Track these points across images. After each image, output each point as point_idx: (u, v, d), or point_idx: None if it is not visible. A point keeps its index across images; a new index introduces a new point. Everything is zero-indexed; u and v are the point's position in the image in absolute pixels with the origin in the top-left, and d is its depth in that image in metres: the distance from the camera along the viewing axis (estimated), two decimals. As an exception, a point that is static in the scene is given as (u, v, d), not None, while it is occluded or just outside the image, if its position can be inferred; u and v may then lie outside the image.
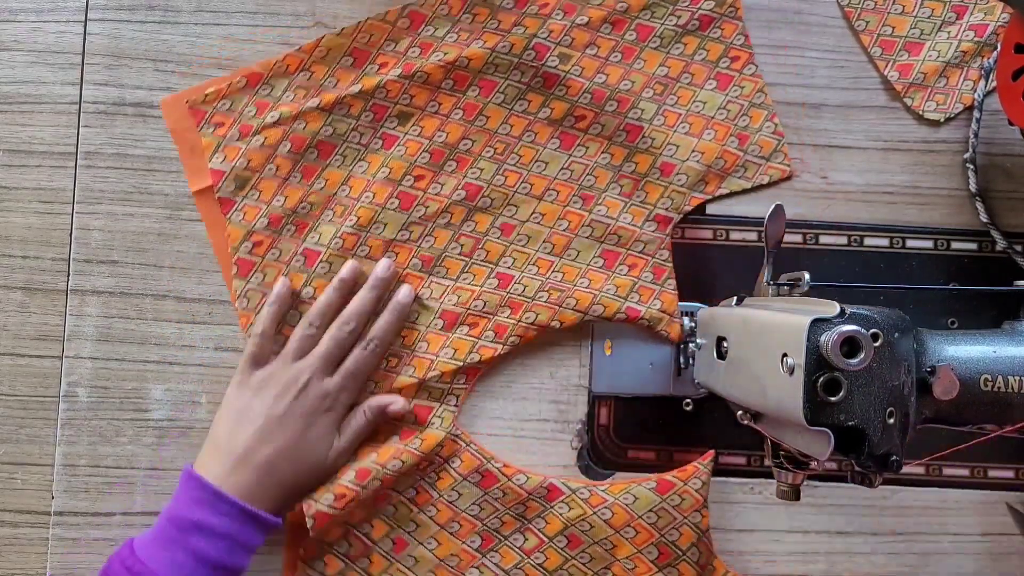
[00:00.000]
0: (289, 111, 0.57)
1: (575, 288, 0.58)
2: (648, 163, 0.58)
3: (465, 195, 0.58)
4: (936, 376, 0.38)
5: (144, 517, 0.57)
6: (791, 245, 0.60)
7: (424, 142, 0.58)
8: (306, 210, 0.57)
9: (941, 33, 0.61)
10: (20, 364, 0.58)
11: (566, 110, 0.58)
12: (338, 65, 0.58)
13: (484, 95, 0.58)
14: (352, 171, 0.58)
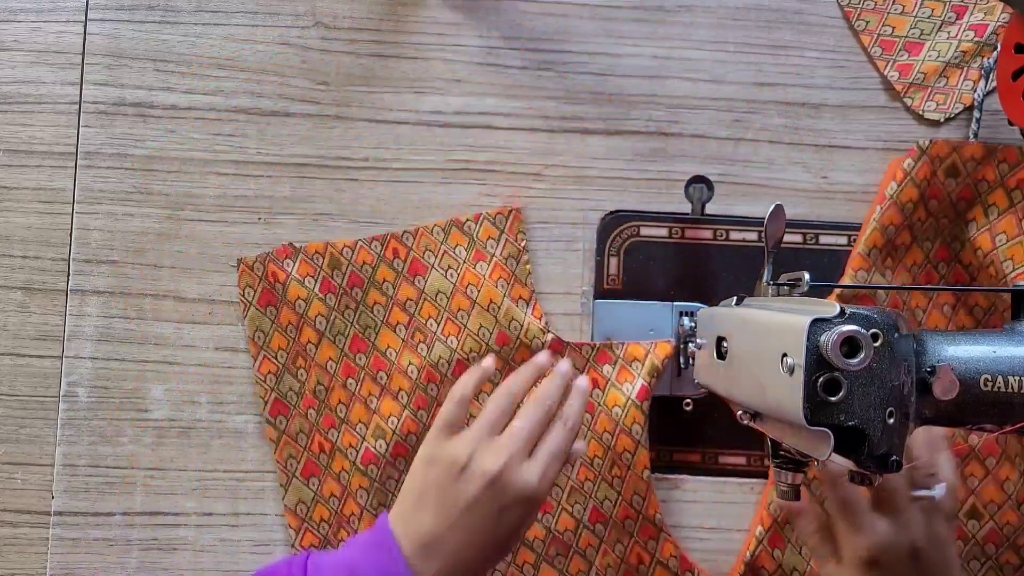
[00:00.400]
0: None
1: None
2: (495, 357, 0.56)
3: None
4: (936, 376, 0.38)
5: (144, 517, 0.57)
6: (791, 245, 0.60)
7: None
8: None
9: (941, 33, 0.61)
10: (20, 364, 0.58)
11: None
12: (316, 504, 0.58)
13: None
14: None
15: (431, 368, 0.57)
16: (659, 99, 0.61)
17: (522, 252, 0.59)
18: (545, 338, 0.58)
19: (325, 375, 0.58)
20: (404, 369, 0.57)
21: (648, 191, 0.60)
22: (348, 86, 0.60)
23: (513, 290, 0.59)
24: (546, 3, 0.61)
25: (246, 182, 0.59)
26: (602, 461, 0.57)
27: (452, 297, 0.58)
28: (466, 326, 0.58)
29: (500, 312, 0.58)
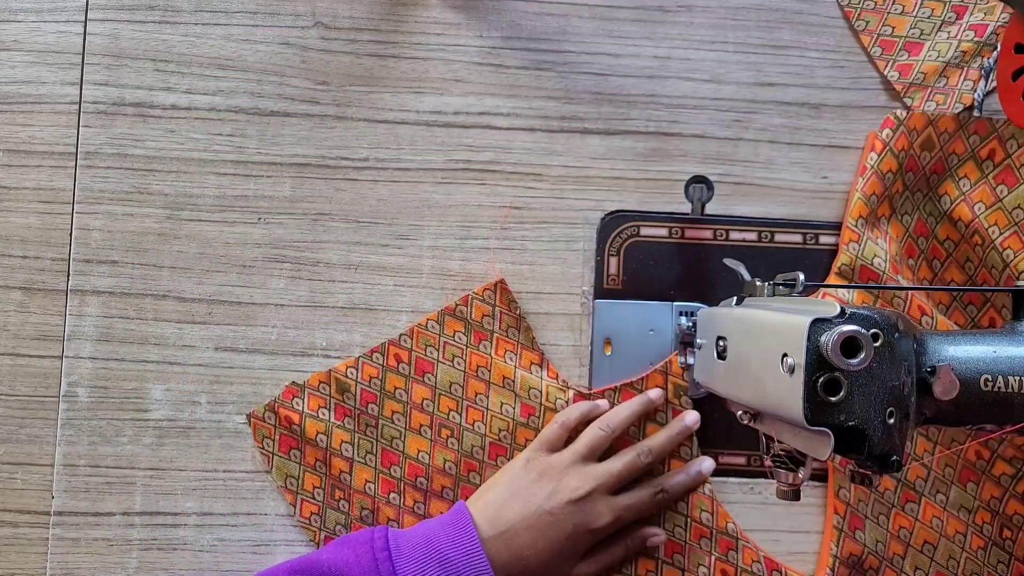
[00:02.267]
0: None
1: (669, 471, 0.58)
2: (526, 429, 0.57)
3: None
4: (936, 376, 0.38)
5: (144, 517, 0.57)
6: (791, 245, 0.60)
7: None
8: None
9: (941, 33, 0.61)
10: (20, 364, 0.58)
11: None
12: None
13: None
14: None
15: (467, 458, 0.57)
16: (659, 99, 0.61)
17: (520, 320, 0.59)
18: (567, 396, 0.58)
19: (367, 499, 0.57)
20: (442, 467, 0.57)
21: (648, 191, 0.60)
22: (348, 86, 0.60)
23: (523, 359, 0.59)
24: (546, 3, 0.61)
25: (246, 182, 0.59)
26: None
27: (466, 384, 0.58)
28: (488, 408, 0.58)
29: (516, 385, 0.58)
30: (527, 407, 0.58)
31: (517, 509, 0.52)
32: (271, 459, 0.58)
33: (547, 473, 0.53)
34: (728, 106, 0.61)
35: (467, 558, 0.49)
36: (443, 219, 0.60)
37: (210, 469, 0.58)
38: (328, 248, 0.59)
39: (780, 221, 0.61)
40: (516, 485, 0.53)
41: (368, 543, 0.49)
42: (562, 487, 0.52)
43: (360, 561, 0.48)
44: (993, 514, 0.58)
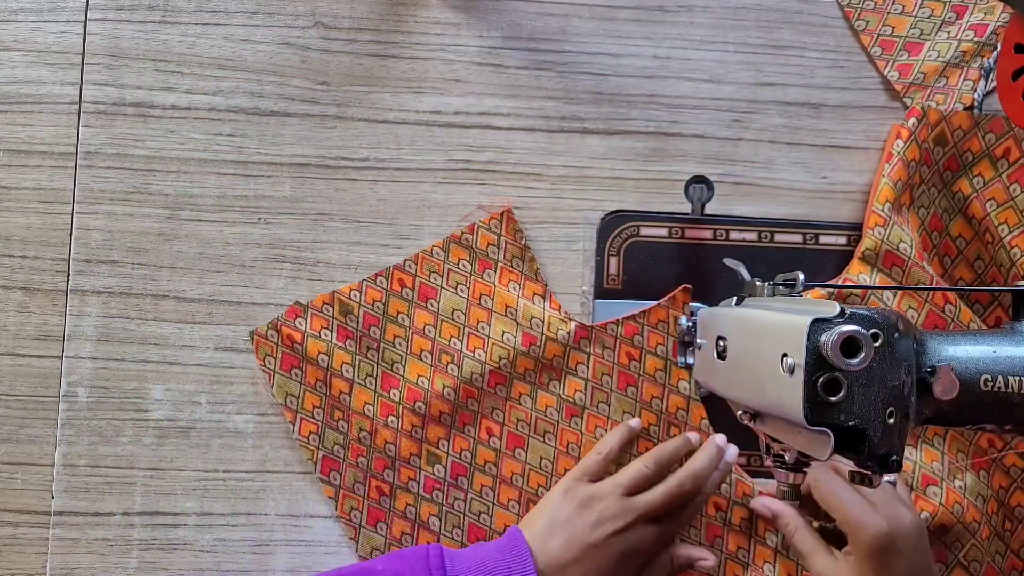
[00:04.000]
0: None
1: (664, 412, 0.58)
2: (525, 359, 0.58)
3: None
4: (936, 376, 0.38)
5: (144, 517, 0.57)
6: (791, 245, 0.60)
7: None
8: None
9: (941, 33, 0.61)
10: (20, 364, 0.58)
11: (490, 449, 0.58)
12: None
13: (480, 532, 0.58)
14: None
15: (466, 385, 0.58)
16: (659, 99, 0.61)
17: (524, 250, 0.59)
18: (569, 327, 0.58)
19: (365, 420, 0.58)
20: (440, 393, 0.58)
21: (648, 191, 0.60)
22: (348, 86, 0.60)
23: (526, 289, 0.59)
24: (546, 3, 0.61)
25: (246, 182, 0.59)
26: (658, 428, 0.58)
27: (468, 312, 0.58)
28: (489, 336, 0.58)
29: (518, 314, 0.58)
30: (528, 336, 0.58)
31: (561, 540, 0.51)
32: (272, 377, 0.58)
33: (589, 505, 0.53)
34: (728, 106, 0.61)
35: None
36: (443, 219, 0.60)
37: (210, 469, 0.58)
38: (328, 248, 0.59)
39: (780, 221, 0.61)
40: (558, 516, 0.53)
41: (424, 559, 0.49)
42: (604, 519, 0.52)
43: (415, 575, 0.48)
44: (999, 504, 0.58)
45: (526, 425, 0.58)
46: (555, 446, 0.58)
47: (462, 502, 0.58)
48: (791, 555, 0.57)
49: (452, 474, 0.58)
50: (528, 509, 0.57)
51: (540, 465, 0.58)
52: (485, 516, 0.58)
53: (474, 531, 0.58)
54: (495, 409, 0.58)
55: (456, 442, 0.58)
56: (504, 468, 0.58)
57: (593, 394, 0.58)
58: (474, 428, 0.58)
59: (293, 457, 0.58)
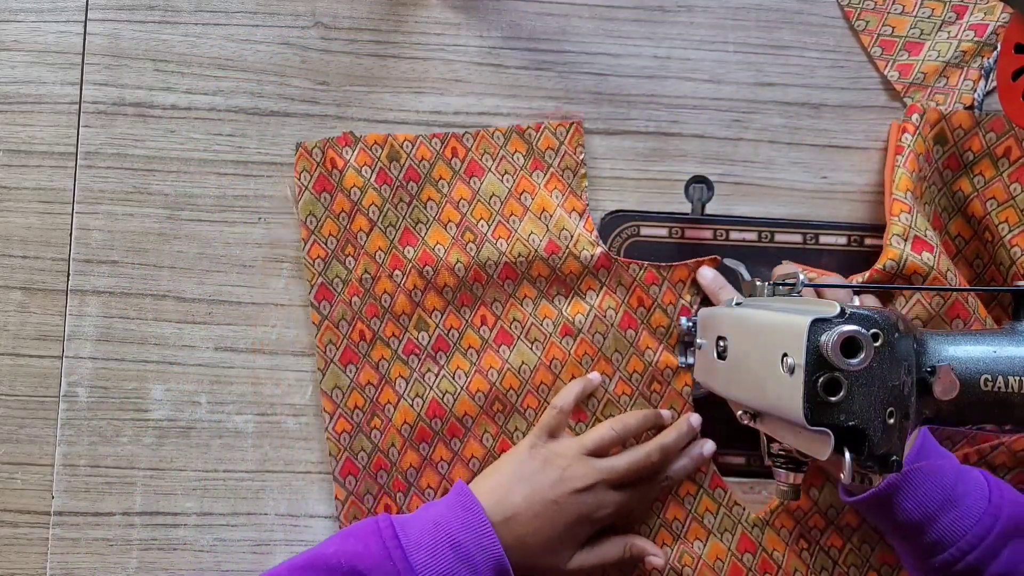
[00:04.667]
0: (393, 437, 0.58)
1: (654, 364, 0.58)
2: (542, 264, 0.58)
3: None
4: (936, 376, 0.38)
5: (144, 517, 0.57)
6: (791, 245, 0.60)
7: (472, 463, 0.58)
8: (490, 441, 0.58)
9: (941, 33, 0.61)
10: (20, 364, 0.58)
11: (474, 334, 0.58)
12: (353, 383, 0.58)
13: (441, 414, 0.58)
14: (463, 384, 0.58)
15: (478, 268, 0.58)
16: (659, 99, 0.61)
17: (579, 165, 0.59)
18: (594, 251, 0.58)
19: (373, 264, 0.58)
20: (452, 266, 0.58)
21: (648, 191, 0.60)
22: (348, 86, 0.60)
23: (567, 201, 0.59)
24: (546, 3, 0.61)
25: (246, 182, 0.59)
26: (641, 377, 0.58)
27: (506, 201, 0.59)
28: (516, 231, 0.58)
29: (552, 221, 0.58)
30: (553, 244, 0.58)
31: (522, 495, 0.52)
32: (302, 193, 0.58)
33: (552, 461, 0.53)
34: (728, 106, 0.61)
35: (478, 539, 0.49)
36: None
37: (210, 469, 0.58)
38: (328, 248, 0.59)
39: (780, 221, 0.61)
40: (522, 471, 0.53)
41: (375, 533, 0.49)
42: (568, 476, 0.53)
43: (370, 551, 0.48)
44: None
45: (520, 327, 0.58)
46: (539, 357, 0.58)
47: (433, 376, 0.58)
48: None
49: (434, 346, 0.58)
50: (494, 407, 0.58)
51: (519, 369, 0.58)
52: (450, 397, 0.58)
53: (434, 408, 0.58)
54: (496, 301, 0.58)
55: (449, 318, 0.58)
56: (484, 359, 0.58)
57: (594, 322, 0.58)
58: (470, 311, 0.58)
59: (293, 457, 0.58)
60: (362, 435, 0.58)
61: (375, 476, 0.57)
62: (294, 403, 0.59)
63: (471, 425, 0.58)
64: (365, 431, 0.58)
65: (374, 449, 0.58)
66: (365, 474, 0.57)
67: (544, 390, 0.58)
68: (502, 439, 0.58)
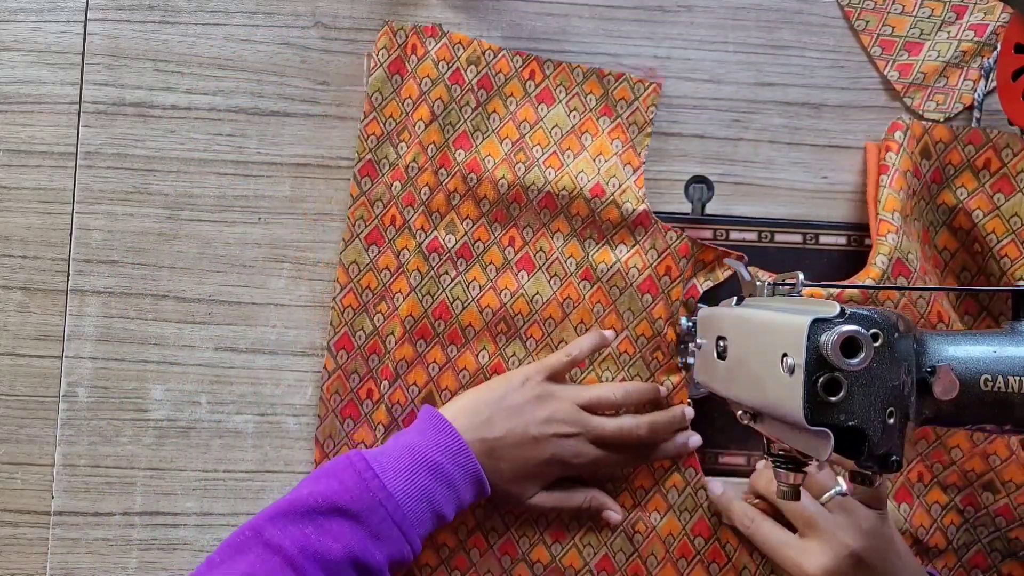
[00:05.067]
0: (394, 325, 0.58)
1: (662, 335, 0.58)
2: (583, 204, 0.58)
3: None
4: (936, 376, 0.38)
5: (144, 517, 0.57)
6: (791, 245, 0.60)
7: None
8: (486, 357, 0.59)
9: (941, 33, 0.61)
10: (20, 364, 0.58)
11: (499, 251, 0.59)
12: (374, 262, 0.59)
13: (448, 317, 0.58)
14: (474, 296, 0.59)
15: (521, 189, 0.58)
16: (659, 99, 0.61)
17: (647, 124, 0.59)
18: (638, 206, 0.58)
19: (423, 156, 0.58)
20: (496, 180, 0.58)
21: (648, 191, 0.60)
22: (348, 86, 0.60)
23: (626, 154, 0.59)
24: (546, 3, 0.61)
25: (246, 182, 0.59)
26: (647, 342, 0.58)
27: (566, 135, 0.59)
28: (567, 166, 0.58)
29: (605, 166, 0.58)
30: (600, 188, 0.58)
31: (505, 422, 0.52)
32: (376, 69, 0.59)
33: (544, 400, 0.54)
34: (728, 106, 0.61)
35: (454, 457, 0.50)
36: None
37: (210, 469, 0.58)
38: (328, 248, 0.59)
39: (780, 221, 0.61)
40: (511, 399, 0.54)
41: (348, 468, 0.49)
42: (556, 418, 0.53)
43: (346, 486, 0.48)
44: (915, 541, 0.57)
45: (544, 258, 0.59)
46: (555, 292, 0.59)
47: (449, 279, 0.58)
48: (758, 549, 0.56)
49: (458, 252, 0.58)
50: (499, 327, 0.58)
51: (532, 298, 0.58)
52: (459, 304, 0.58)
53: (441, 309, 0.58)
54: (528, 227, 0.59)
55: (480, 230, 0.59)
56: (502, 279, 0.59)
57: (615, 275, 0.58)
58: (501, 229, 0.59)
59: (293, 457, 0.58)
60: (366, 315, 0.58)
61: (367, 358, 0.58)
62: (294, 403, 0.59)
63: (472, 337, 0.58)
64: (370, 312, 0.58)
65: (374, 332, 0.58)
66: (358, 353, 0.58)
67: (551, 324, 0.59)
68: (497, 360, 0.58)
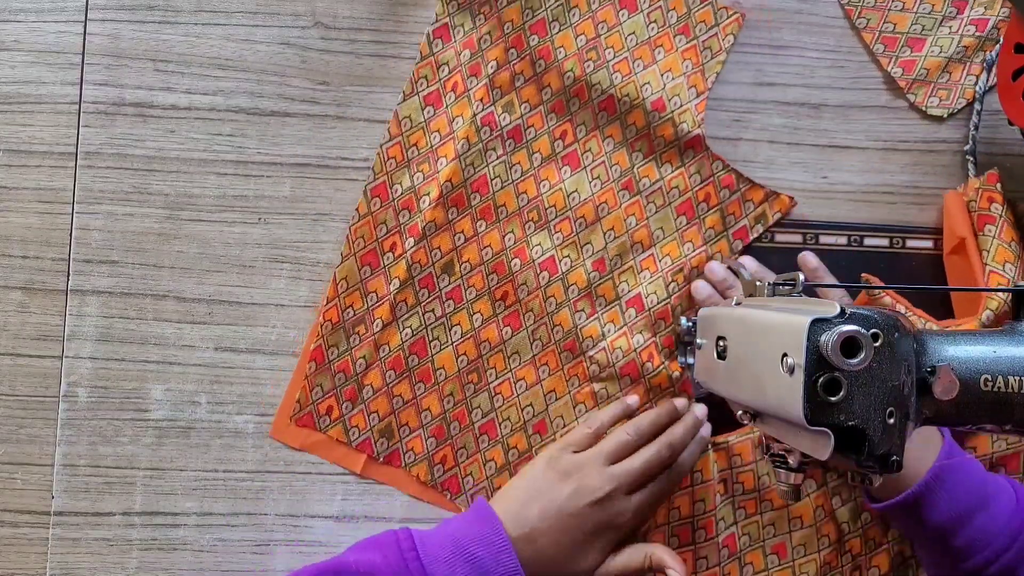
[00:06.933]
0: (368, 350, 0.58)
1: (688, 259, 0.59)
2: (641, 115, 0.59)
3: (548, 274, 0.59)
4: (936, 376, 0.38)
5: (144, 517, 0.57)
6: (791, 245, 0.60)
7: (481, 268, 0.59)
8: (451, 402, 0.59)
9: (942, 28, 0.61)
10: (20, 364, 0.58)
11: (548, 141, 0.59)
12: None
13: (484, 193, 0.59)
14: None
15: (585, 85, 0.59)
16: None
17: (721, 51, 0.60)
18: (694, 130, 0.59)
19: (498, 31, 0.58)
20: (563, 72, 0.58)
21: (648, 191, 0.60)
22: (348, 86, 0.60)
23: (693, 77, 0.59)
24: (546, 3, 0.61)
25: (246, 182, 0.59)
26: (671, 263, 0.59)
27: (640, 45, 0.59)
28: (636, 75, 0.59)
29: (671, 83, 0.59)
30: (661, 103, 0.59)
31: (538, 509, 0.52)
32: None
33: (569, 473, 0.53)
34: (728, 106, 0.61)
35: (496, 555, 0.50)
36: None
37: (210, 469, 0.58)
38: (328, 248, 0.59)
39: (780, 221, 0.60)
40: (538, 485, 0.53)
41: (394, 544, 0.49)
42: (583, 488, 0.53)
43: (388, 562, 0.48)
44: None
45: (591, 158, 0.59)
46: (593, 193, 0.59)
47: (494, 156, 0.58)
48: None
49: (509, 131, 0.59)
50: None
51: (570, 194, 0.59)
52: (498, 182, 0.59)
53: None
54: (583, 125, 0.59)
55: (535, 117, 0.59)
56: (545, 169, 0.59)
57: (655, 192, 0.59)
58: (556, 120, 0.59)
59: (293, 457, 0.58)
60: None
61: (399, 212, 0.59)
62: (294, 403, 0.59)
63: (503, 218, 0.59)
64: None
65: (411, 188, 0.59)
66: (391, 205, 0.59)
67: (581, 224, 0.59)
68: (522, 246, 0.59)
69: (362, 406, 0.58)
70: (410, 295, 0.58)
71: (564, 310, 0.58)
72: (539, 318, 0.59)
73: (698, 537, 0.58)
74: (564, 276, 0.59)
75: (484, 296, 0.59)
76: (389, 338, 0.58)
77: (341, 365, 0.58)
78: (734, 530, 0.58)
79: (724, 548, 0.58)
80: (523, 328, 0.58)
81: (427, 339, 0.58)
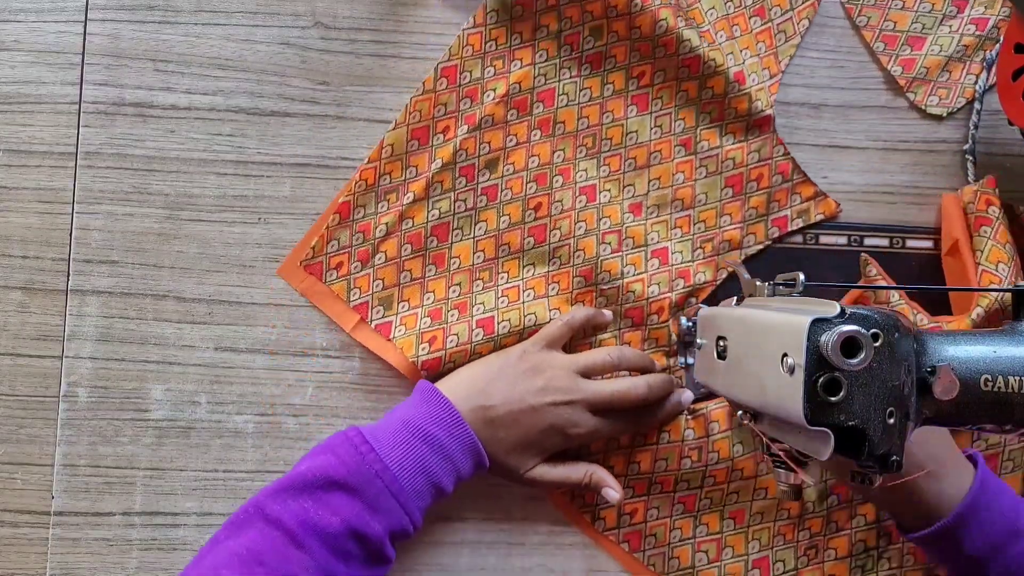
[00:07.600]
0: (392, 218, 0.58)
1: (721, 230, 0.59)
2: (722, 82, 0.59)
3: (586, 199, 0.59)
4: (936, 376, 0.38)
5: (144, 517, 0.57)
6: (791, 245, 0.60)
7: (523, 174, 0.58)
8: (456, 292, 0.58)
9: (943, 27, 0.61)
10: (20, 364, 0.58)
11: (624, 76, 0.59)
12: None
13: (548, 105, 0.59)
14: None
15: (675, 38, 0.58)
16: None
17: (795, 35, 0.60)
18: (767, 109, 0.59)
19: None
20: (657, 18, 0.57)
21: (648, 190, 0.60)
22: (348, 86, 0.60)
23: (767, 58, 0.60)
24: (546, 2, 0.61)
25: (246, 182, 0.59)
26: (704, 229, 0.59)
27: (719, 20, 0.59)
28: (720, 44, 0.59)
29: (748, 61, 0.59)
30: (742, 75, 0.59)
31: (502, 392, 0.53)
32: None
33: (540, 369, 0.54)
34: (728, 105, 0.61)
35: (450, 429, 0.51)
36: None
37: (210, 469, 0.58)
38: (328, 248, 0.59)
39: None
40: (508, 371, 0.54)
41: (345, 442, 0.49)
42: (550, 387, 0.53)
43: (343, 460, 0.48)
44: None
45: (660, 105, 0.59)
46: (651, 140, 0.59)
47: (568, 74, 0.59)
48: None
49: (588, 56, 0.59)
50: (585, 141, 0.59)
51: (628, 132, 0.59)
52: (564, 99, 0.59)
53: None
54: (661, 71, 0.59)
55: (619, 49, 0.59)
56: (612, 102, 0.59)
57: (710, 159, 0.59)
58: (638, 60, 0.59)
59: (293, 457, 0.58)
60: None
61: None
62: (294, 403, 0.59)
63: (558, 134, 0.59)
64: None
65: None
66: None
67: (630, 164, 0.59)
68: (567, 166, 0.59)
69: (370, 270, 0.58)
70: (448, 178, 0.58)
71: (591, 238, 0.58)
72: (564, 238, 0.58)
73: (653, 490, 0.58)
74: (600, 207, 0.59)
75: (518, 201, 0.58)
76: (416, 213, 0.58)
77: (363, 226, 0.58)
78: (697, 492, 0.58)
79: (679, 504, 0.58)
80: (546, 243, 0.58)
81: (451, 226, 0.58)
